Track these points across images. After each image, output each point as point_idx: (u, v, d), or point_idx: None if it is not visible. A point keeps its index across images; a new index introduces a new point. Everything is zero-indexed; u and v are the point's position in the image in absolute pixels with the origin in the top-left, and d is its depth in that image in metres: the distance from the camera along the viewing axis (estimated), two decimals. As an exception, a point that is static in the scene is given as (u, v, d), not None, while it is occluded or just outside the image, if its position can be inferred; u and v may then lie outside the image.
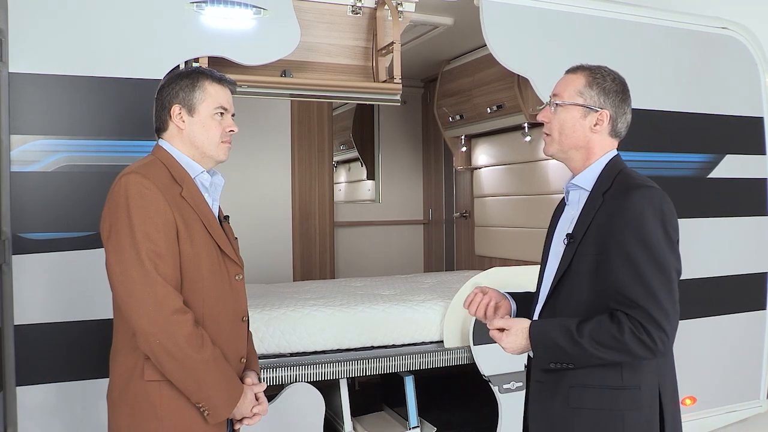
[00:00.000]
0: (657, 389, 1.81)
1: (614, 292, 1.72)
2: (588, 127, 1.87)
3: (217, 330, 1.94)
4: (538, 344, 1.79)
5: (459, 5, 3.73)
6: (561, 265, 1.84)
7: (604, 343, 1.69)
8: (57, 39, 2.69)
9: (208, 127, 1.99)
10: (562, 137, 1.89)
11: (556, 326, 1.77)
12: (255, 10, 3.02)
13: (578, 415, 1.79)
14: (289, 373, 3.23)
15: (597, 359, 1.72)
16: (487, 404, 3.68)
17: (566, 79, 1.92)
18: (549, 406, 1.85)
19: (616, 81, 1.89)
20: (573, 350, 1.72)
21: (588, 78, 1.87)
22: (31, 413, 2.64)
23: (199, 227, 1.93)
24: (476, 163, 5.55)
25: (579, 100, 1.86)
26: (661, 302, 1.69)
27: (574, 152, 1.90)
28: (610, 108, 1.87)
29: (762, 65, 4.16)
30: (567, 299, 1.82)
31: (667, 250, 1.73)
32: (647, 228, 1.71)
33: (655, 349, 1.69)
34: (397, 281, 4.70)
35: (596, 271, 1.77)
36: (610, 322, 1.70)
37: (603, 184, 1.84)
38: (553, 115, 1.90)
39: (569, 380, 1.79)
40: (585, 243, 1.80)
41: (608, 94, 1.86)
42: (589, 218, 1.81)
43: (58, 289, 2.67)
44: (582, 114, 1.87)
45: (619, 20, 3.78)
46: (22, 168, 2.63)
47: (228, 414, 1.95)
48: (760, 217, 4.17)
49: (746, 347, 4.16)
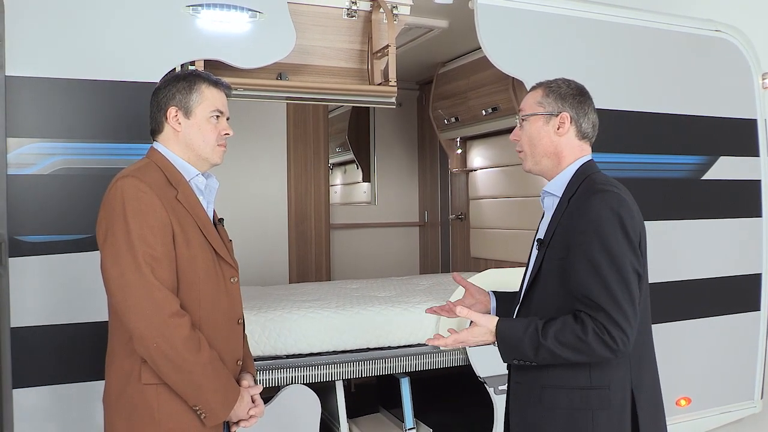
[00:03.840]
0: (629, 389, 1.86)
1: (578, 294, 1.78)
2: (552, 132, 1.96)
3: (213, 333, 1.95)
4: (503, 341, 1.85)
5: (454, 8, 3.74)
6: (533, 269, 1.94)
7: (567, 344, 1.75)
8: (54, 42, 2.69)
9: (204, 129, 2.00)
10: (533, 148, 1.99)
11: (522, 325, 1.83)
12: (251, 13, 3.03)
13: (551, 415, 1.87)
14: (285, 375, 3.24)
15: (560, 359, 1.78)
16: (482, 405, 3.69)
17: (527, 96, 2.04)
18: (525, 405, 1.94)
19: (571, 86, 1.99)
20: (535, 350, 1.78)
21: (545, 89, 1.99)
22: (28, 416, 2.64)
23: (195, 230, 1.93)
24: (471, 166, 5.56)
25: (539, 110, 1.97)
26: (621, 305, 1.74)
27: (546, 160, 1.99)
28: (569, 109, 1.95)
29: (755, 67, 4.18)
30: (539, 301, 1.90)
31: (627, 251, 1.78)
32: (605, 230, 1.77)
33: (616, 349, 1.74)
34: (392, 283, 4.70)
35: (561, 273, 1.83)
36: (574, 323, 1.76)
37: (571, 189, 1.92)
38: (521, 132, 2.01)
39: (543, 381, 1.87)
40: (552, 247, 1.88)
41: (565, 98, 1.96)
42: (556, 223, 1.89)
43: (55, 291, 2.67)
44: (544, 121, 1.97)
45: (612, 23, 3.80)
46: (18, 171, 2.63)
47: (225, 417, 1.96)
48: (754, 218, 4.19)
49: (741, 348, 4.18)
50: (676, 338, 3.87)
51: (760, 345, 4.21)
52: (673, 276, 3.86)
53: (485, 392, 3.53)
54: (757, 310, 4.20)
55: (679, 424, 3.93)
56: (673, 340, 3.84)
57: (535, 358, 1.80)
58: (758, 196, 4.20)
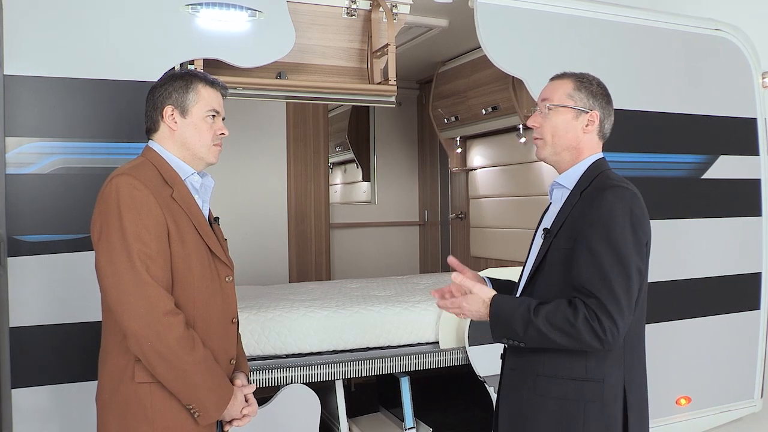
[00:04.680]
0: (622, 384, 1.87)
1: (577, 282, 1.79)
2: (580, 128, 1.95)
3: (207, 331, 1.94)
4: (495, 316, 1.86)
5: (454, 7, 3.74)
6: (537, 258, 1.94)
7: (557, 325, 1.75)
8: (52, 41, 2.69)
9: (200, 129, 2.00)
10: (555, 139, 1.97)
11: (516, 302, 1.85)
12: (250, 12, 3.03)
13: (543, 403, 1.88)
14: (285, 374, 3.23)
15: (547, 341, 1.78)
16: (482, 405, 3.69)
17: (554, 84, 2.00)
18: (518, 392, 1.95)
19: (600, 85, 1.99)
20: (525, 327, 1.79)
21: (575, 82, 1.97)
22: (27, 415, 2.64)
23: (190, 229, 1.93)
24: (471, 165, 5.56)
25: (570, 103, 1.95)
26: (618, 297, 1.74)
27: (566, 153, 1.98)
28: (599, 109, 1.96)
29: (755, 66, 4.18)
30: (540, 290, 1.90)
31: (632, 249, 1.79)
32: (615, 226, 1.78)
33: (605, 339, 1.74)
34: (392, 282, 4.70)
35: (566, 263, 1.84)
36: (567, 307, 1.77)
37: (583, 183, 1.92)
38: (544, 119, 1.98)
39: (538, 369, 1.88)
40: (559, 237, 1.88)
41: (596, 97, 1.96)
42: (566, 214, 1.89)
43: (54, 291, 2.67)
44: (574, 116, 1.95)
45: (612, 22, 3.79)
46: (17, 170, 2.63)
47: (218, 416, 1.96)
48: (753, 217, 4.18)
49: (741, 347, 4.17)
50: (676, 337, 3.87)
51: (759, 344, 4.21)
52: (673, 275, 3.86)
53: (485, 392, 3.52)
54: (757, 309, 4.20)
55: (679, 423, 3.93)
56: (672, 339, 3.84)
57: (524, 337, 1.80)
58: (758, 195, 4.19)
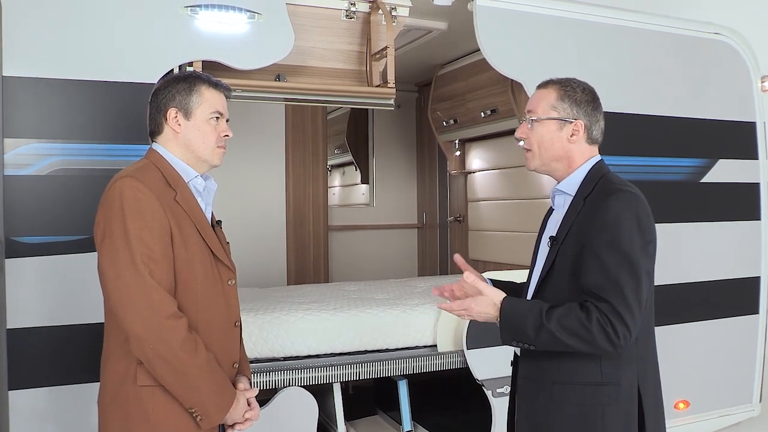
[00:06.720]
0: (636, 385, 1.87)
1: (587, 288, 1.79)
2: (565, 139, 1.95)
3: (210, 335, 1.94)
4: (506, 318, 1.84)
5: (453, 10, 3.73)
6: (545, 266, 1.93)
7: (570, 329, 1.75)
8: (51, 42, 2.68)
9: (204, 131, 2.00)
10: (542, 151, 1.97)
11: (527, 305, 1.85)
12: (249, 14, 3.02)
13: (561, 410, 1.87)
14: (283, 377, 3.23)
15: (559, 344, 1.77)
16: (480, 408, 3.68)
17: (538, 95, 2.00)
18: (535, 401, 1.93)
19: (585, 91, 1.97)
20: (537, 330, 1.78)
21: (559, 91, 1.96)
22: (24, 417, 2.63)
23: (193, 232, 1.93)
24: (470, 167, 5.56)
25: (553, 114, 1.95)
26: (629, 301, 1.75)
27: (556, 163, 1.98)
28: (584, 117, 1.95)
29: (754, 70, 4.18)
30: (550, 298, 1.88)
31: (640, 252, 1.79)
32: (622, 230, 1.78)
33: (617, 343, 1.74)
34: (391, 285, 4.70)
35: (575, 270, 1.84)
36: (579, 310, 1.77)
37: (585, 188, 1.92)
38: (530, 131, 1.98)
39: (553, 376, 1.88)
40: (566, 244, 1.88)
41: (580, 105, 1.95)
42: (571, 221, 1.89)
43: (52, 292, 2.66)
44: (558, 126, 1.95)
45: (611, 25, 3.79)
46: (15, 171, 2.62)
47: (220, 419, 1.95)
48: (752, 221, 4.18)
49: (739, 351, 4.17)
50: (675, 341, 3.87)
51: (758, 348, 4.21)
52: (672, 279, 3.85)
53: (483, 395, 3.52)
54: (756, 313, 4.19)
55: (678, 428, 3.93)
56: (671, 342, 3.84)
57: (535, 340, 1.79)
58: (757, 199, 4.19)
